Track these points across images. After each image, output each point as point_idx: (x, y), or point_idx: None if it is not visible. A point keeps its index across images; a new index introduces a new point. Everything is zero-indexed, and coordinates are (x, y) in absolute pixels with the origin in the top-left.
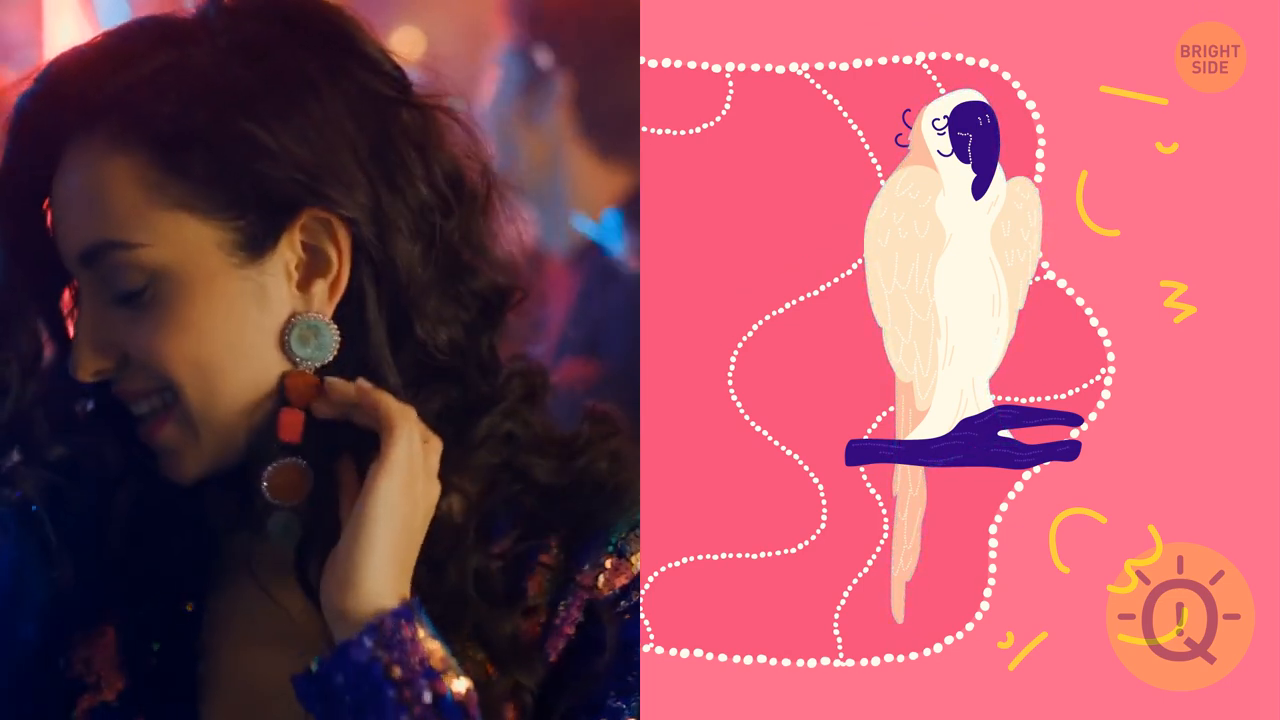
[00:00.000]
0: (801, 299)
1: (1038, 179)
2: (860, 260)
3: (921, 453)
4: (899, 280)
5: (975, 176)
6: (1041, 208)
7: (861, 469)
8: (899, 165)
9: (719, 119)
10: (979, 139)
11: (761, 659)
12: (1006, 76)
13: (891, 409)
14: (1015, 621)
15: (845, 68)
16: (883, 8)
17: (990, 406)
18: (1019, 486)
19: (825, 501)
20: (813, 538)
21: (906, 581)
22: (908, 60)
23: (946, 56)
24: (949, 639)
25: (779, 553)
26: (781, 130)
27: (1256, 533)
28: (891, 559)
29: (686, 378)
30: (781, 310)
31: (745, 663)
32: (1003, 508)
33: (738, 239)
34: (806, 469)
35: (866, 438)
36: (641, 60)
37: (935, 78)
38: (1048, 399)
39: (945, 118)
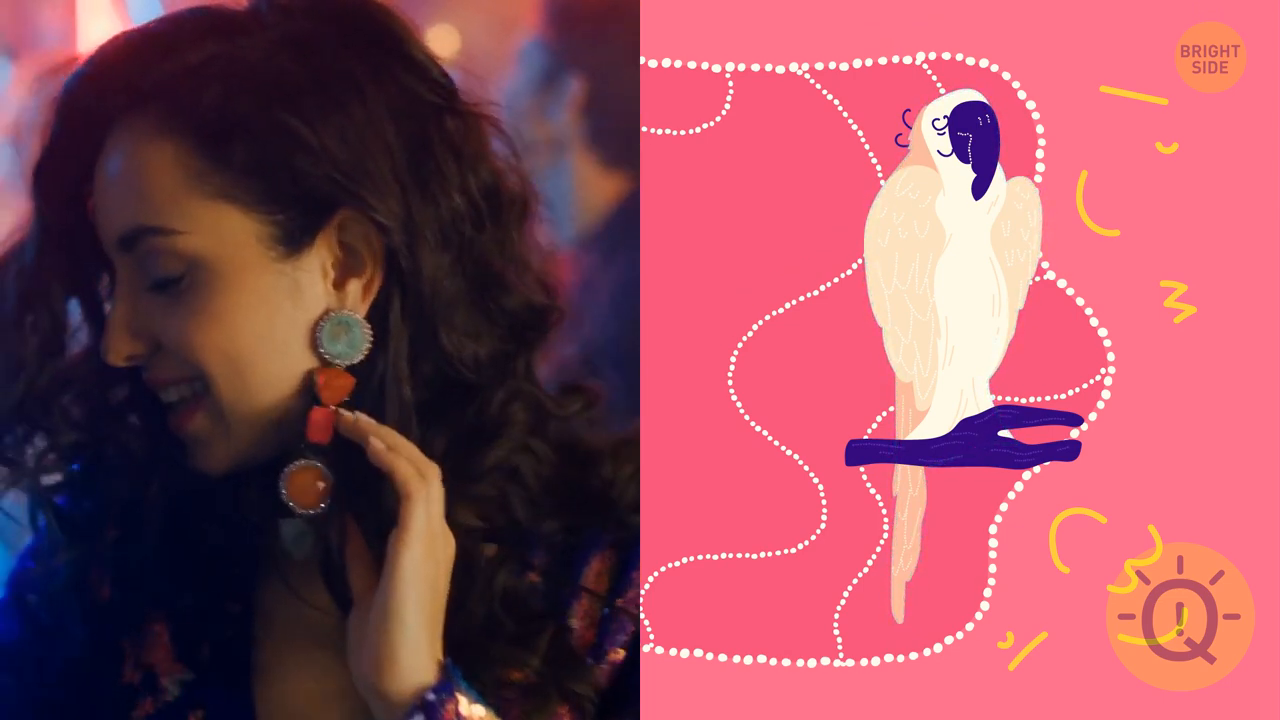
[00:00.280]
0: (801, 299)
1: (1038, 179)
2: (860, 260)
3: (921, 453)
4: (899, 280)
5: (975, 176)
6: (1041, 208)
7: (861, 469)
8: (899, 165)
9: (719, 119)
10: (979, 139)
11: (761, 659)
12: (1006, 76)
13: (891, 409)
14: (1015, 621)
15: (845, 68)
16: (883, 8)
17: (990, 406)
18: (1019, 486)
19: (825, 501)
20: (813, 538)
21: (906, 581)
22: (908, 60)
23: (946, 56)
24: (949, 639)
25: (779, 553)
26: (781, 130)
27: (1256, 533)
28: (891, 559)
29: (686, 378)
30: (781, 310)
31: (745, 663)
32: (1003, 508)
33: (738, 239)
34: (806, 469)
35: (866, 438)
36: (641, 60)
37: (935, 78)
38: (1048, 399)
39: (945, 118)
